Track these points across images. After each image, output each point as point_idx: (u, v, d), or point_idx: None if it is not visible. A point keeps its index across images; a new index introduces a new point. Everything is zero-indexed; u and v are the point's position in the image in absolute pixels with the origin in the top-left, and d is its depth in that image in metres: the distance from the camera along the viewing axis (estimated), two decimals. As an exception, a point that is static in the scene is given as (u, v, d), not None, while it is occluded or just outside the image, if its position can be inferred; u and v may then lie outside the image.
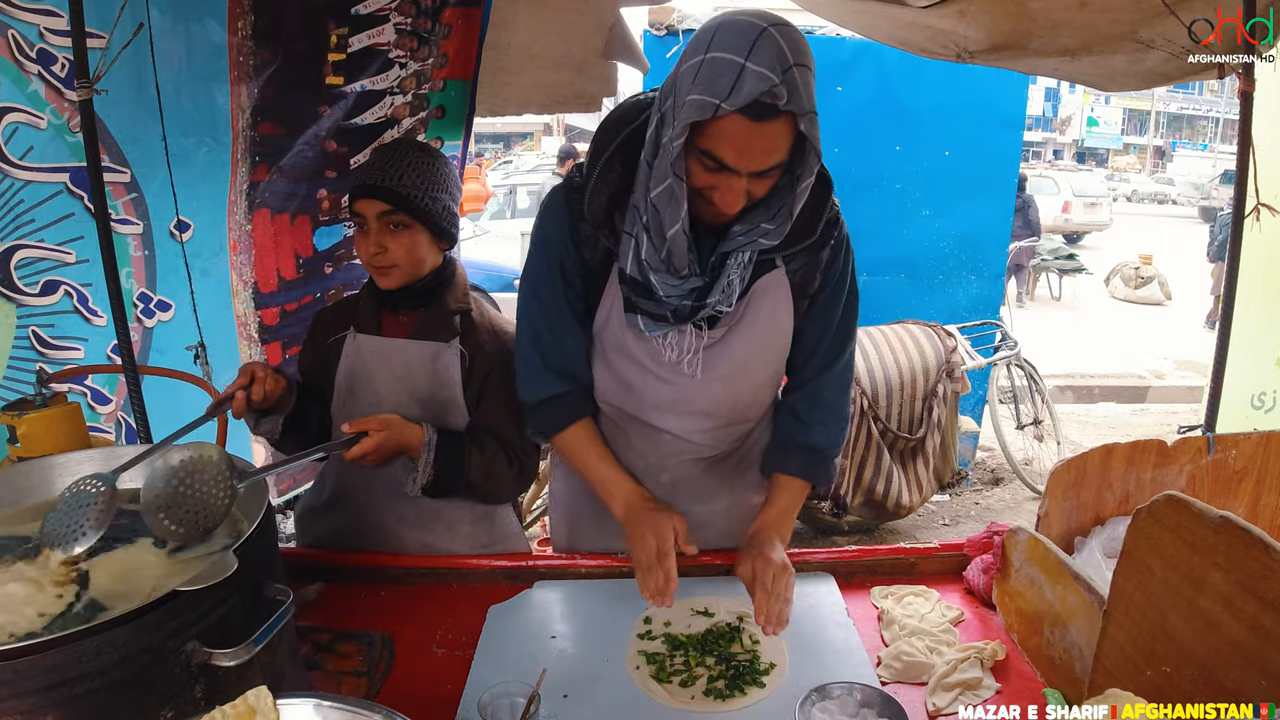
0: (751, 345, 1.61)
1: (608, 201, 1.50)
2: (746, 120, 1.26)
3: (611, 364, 1.66)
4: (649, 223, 1.43)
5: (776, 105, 1.25)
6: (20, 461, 1.51)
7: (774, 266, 1.55)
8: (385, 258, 1.72)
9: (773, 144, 1.30)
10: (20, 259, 2.30)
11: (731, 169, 1.32)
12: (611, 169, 1.49)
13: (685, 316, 1.53)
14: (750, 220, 1.44)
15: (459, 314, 1.82)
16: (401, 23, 3.07)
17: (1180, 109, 43.23)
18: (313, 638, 1.50)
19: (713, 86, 1.26)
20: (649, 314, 1.54)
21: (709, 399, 1.65)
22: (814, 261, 1.57)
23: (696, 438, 1.71)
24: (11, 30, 2.14)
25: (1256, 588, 1.00)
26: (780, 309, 1.59)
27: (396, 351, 1.80)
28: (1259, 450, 1.84)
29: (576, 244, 1.58)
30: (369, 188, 1.71)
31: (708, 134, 1.30)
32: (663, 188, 1.36)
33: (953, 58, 2.80)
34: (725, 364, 1.61)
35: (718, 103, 1.25)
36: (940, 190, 5.35)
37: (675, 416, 1.68)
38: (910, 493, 4.33)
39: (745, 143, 1.29)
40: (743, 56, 1.24)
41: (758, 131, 1.28)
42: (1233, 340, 2.08)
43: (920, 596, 1.63)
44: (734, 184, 1.34)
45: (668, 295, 1.49)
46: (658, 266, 1.46)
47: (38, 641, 0.88)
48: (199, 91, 2.60)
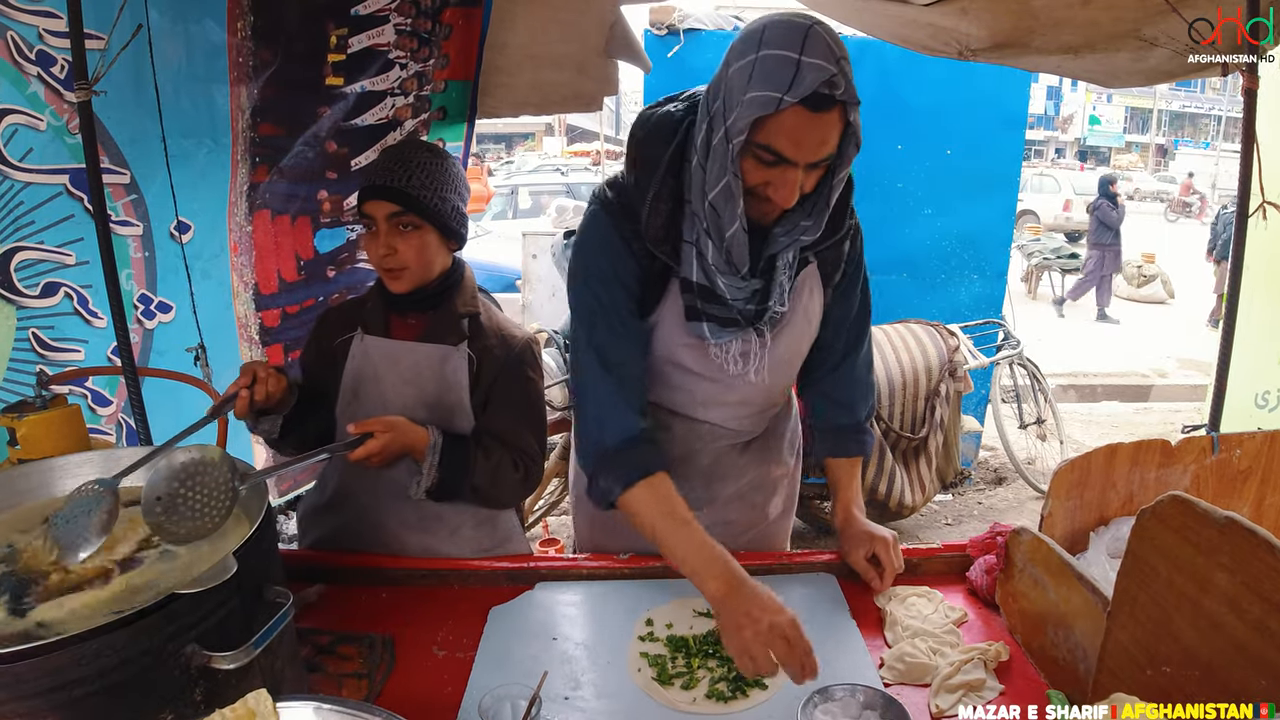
0: (796, 339, 1.68)
1: (667, 218, 1.51)
2: (806, 111, 1.29)
3: (656, 369, 1.68)
4: (709, 226, 1.45)
5: (833, 95, 1.29)
6: (20, 464, 1.51)
7: (808, 262, 1.62)
8: (395, 259, 1.72)
9: (827, 134, 1.34)
10: (20, 261, 2.29)
11: (789, 161, 1.34)
12: (666, 185, 1.50)
13: (752, 319, 1.57)
14: (789, 220, 1.48)
15: (467, 317, 1.82)
16: (401, 23, 3.07)
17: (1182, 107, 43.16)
18: (313, 639, 1.49)
19: (771, 81, 1.28)
20: (717, 319, 1.56)
21: (751, 390, 1.70)
22: (838, 253, 1.64)
23: (734, 424, 1.76)
24: (10, 32, 2.14)
25: (1262, 589, 0.99)
26: (814, 301, 1.66)
27: (405, 354, 1.79)
28: (1263, 450, 1.83)
29: (634, 260, 1.56)
30: (378, 189, 1.71)
31: (766, 129, 1.32)
32: (720, 187, 1.39)
33: (955, 55, 2.79)
34: (785, 361, 1.69)
35: (780, 96, 1.28)
36: (942, 189, 5.34)
37: (718, 408, 1.73)
38: (913, 492, 4.32)
39: (803, 134, 1.32)
40: (797, 52, 1.28)
41: (816, 122, 1.31)
42: (1236, 339, 2.07)
43: (923, 597, 1.62)
44: (790, 177, 1.36)
45: (734, 297, 1.52)
46: (723, 269, 1.49)
47: (37, 644, 0.88)
48: (198, 92, 2.60)
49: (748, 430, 1.80)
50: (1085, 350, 9.28)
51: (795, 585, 1.67)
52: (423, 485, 1.72)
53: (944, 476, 4.54)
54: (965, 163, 5.32)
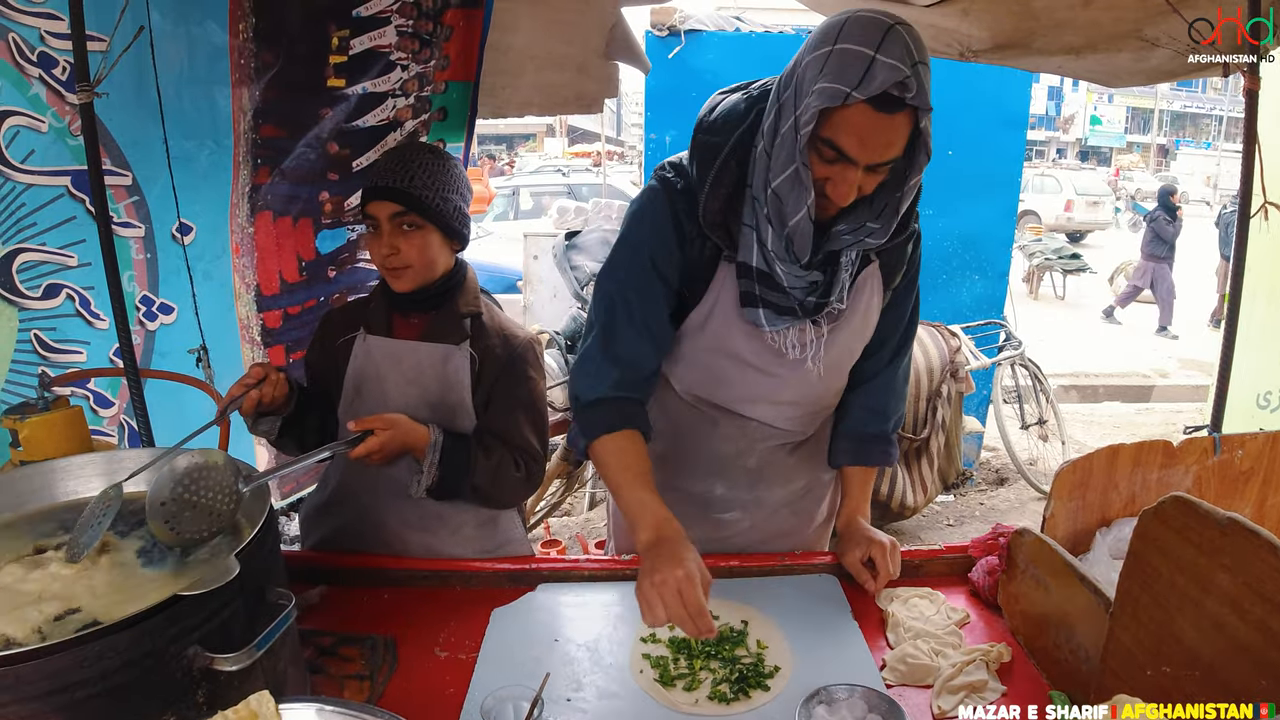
0: (852, 337, 1.66)
1: (725, 201, 1.50)
2: (873, 111, 1.28)
3: (706, 362, 1.67)
4: (770, 212, 1.44)
5: (903, 99, 1.27)
6: (22, 465, 1.51)
7: (870, 261, 1.60)
8: (398, 259, 1.73)
9: (893, 137, 1.32)
10: (22, 262, 2.30)
11: (851, 159, 1.33)
12: (727, 169, 1.49)
13: (811, 311, 1.56)
14: (855, 219, 1.46)
15: (469, 317, 1.82)
16: (403, 25, 3.07)
17: (1184, 107, 43.12)
18: (315, 641, 1.49)
19: (843, 75, 1.27)
20: (774, 306, 1.54)
21: (805, 388, 1.68)
22: (900, 255, 1.63)
23: (784, 424, 1.74)
24: (12, 33, 2.14)
25: (1264, 589, 0.99)
26: (874, 301, 1.64)
27: (407, 353, 1.80)
28: (1265, 450, 1.83)
29: (681, 244, 1.57)
30: (381, 189, 1.72)
31: (831, 123, 1.31)
32: (786, 175, 1.38)
33: (956, 56, 2.80)
34: (841, 357, 1.67)
35: (848, 90, 1.26)
36: (944, 190, 5.32)
37: (767, 406, 1.71)
38: (915, 493, 4.32)
39: (868, 134, 1.30)
40: (873, 49, 1.26)
41: (882, 123, 1.29)
42: (1238, 340, 2.07)
43: (925, 599, 1.62)
44: (849, 175, 1.35)
45: (792, 286, 1.51)
46: (782, 256, 1.48)
47: (39, 646, 0.88)
48: (200, 94, 2.60)
49: (798, 431, 1.77)
50: (1087, 351, 9.27)
51: (797, 586, 1.67)
52: (423, 484, 1.72)
53: (946, 477, 4.54)
54: (967, 163, 5.31)
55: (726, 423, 1.74)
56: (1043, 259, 12.38)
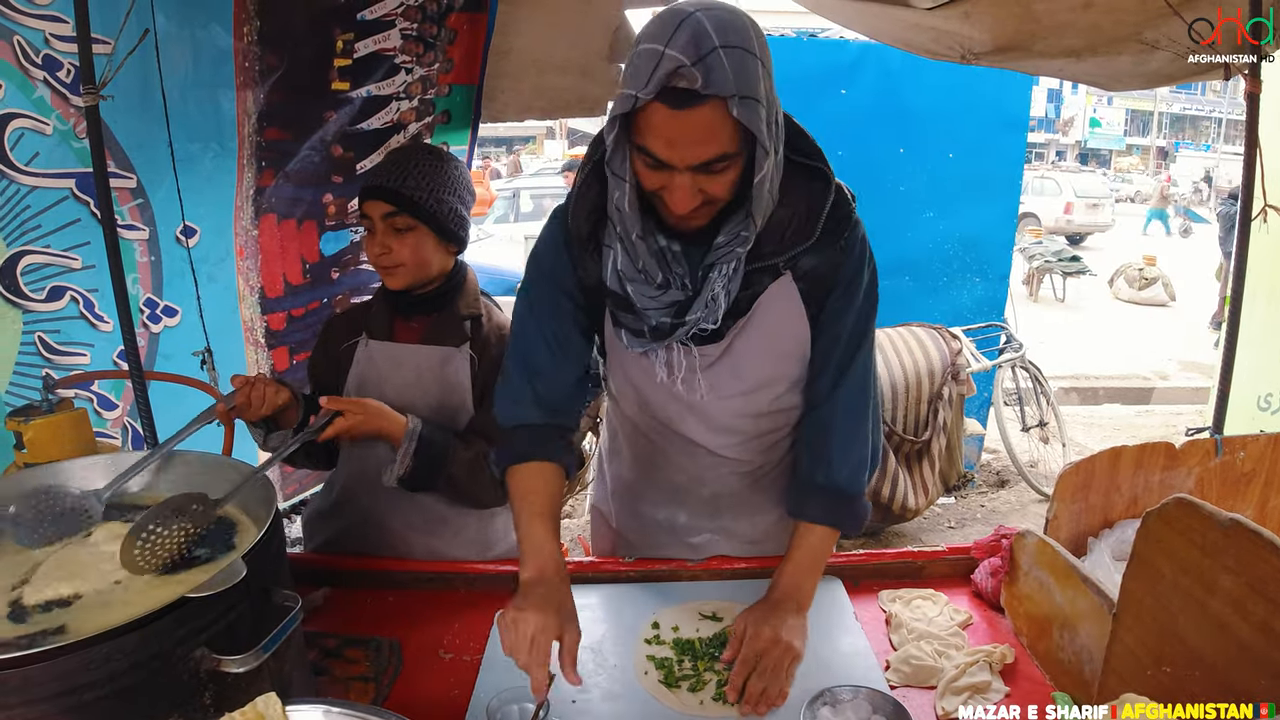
0: (763, 359, 1.51)
1: (589, 217, 1.44)
2: (666, 109, 1.18)
3: (630, 377, 1.61)
4: (620, 231, 1.37)
5: (694, 89, 1.15)
6: (27, 467, 1.51)
7: (779, 273, 1.45)
8: (390, 258, 1.75)
9: (703, 134, 1.20)
10: (26, 265, 2.30)
11: (668, 165, 1.24)
12: (589, 186, 1.42)
13: (665, 333, 1.44)
14: (731, 229, 1.36)
15: (470, 319, 1.83)
16: (407, 28, 3.08)
17: (1183, 110, 43.14)
18: (320, 643, 1.50)
19: (635, 78, 1.18)
20: (630, 329, 1.48)
21: (730, 414, 1.58)
22: (825, 263, 1.45)
23: (729, 452, 1.64)
24: (17, 36, 2.15)
25: (1266, 590, 1.00)
26: (791, 316, 1.48)
27: (408, 357, 1.81)
28: (1267, 452, 1.84)
29: (572, 262, 1.51)
30: (374, 189, 1.74)
31: (639, 129, 1.23)
32: (618, 192, 1.32)
33: (957, 59, 2.80)
34: (736, 380, 1.53)
35: (635, 94, 1.18)
36: (944, 192, 5.35)
37: (704, 431, 1.61)
38: (916, 495, 4.32)
39: (672, 133, 1.20)
40: (663, 44, 1.16)
41: (681, 120, 1.18)
42: (1239, 341, 2.07)
43: (928, 600, 1.62)
44: (678, 181, 1.25)
45: (645, 308, 1.41)
46: (634, 276, 1.40)
47: (46, 649, 0.88)
48: (205, 97, 2.61)
49: (748, 459, 1.66)
50: (1087, 353, 9.27)
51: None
52: (395, 472, 1.70)
53: (947, 479, 4.54)
54: (967, 166, 5.33)
55: (676, 451, 1.66)
56: (1043, 261, 12.39)
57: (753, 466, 1.68)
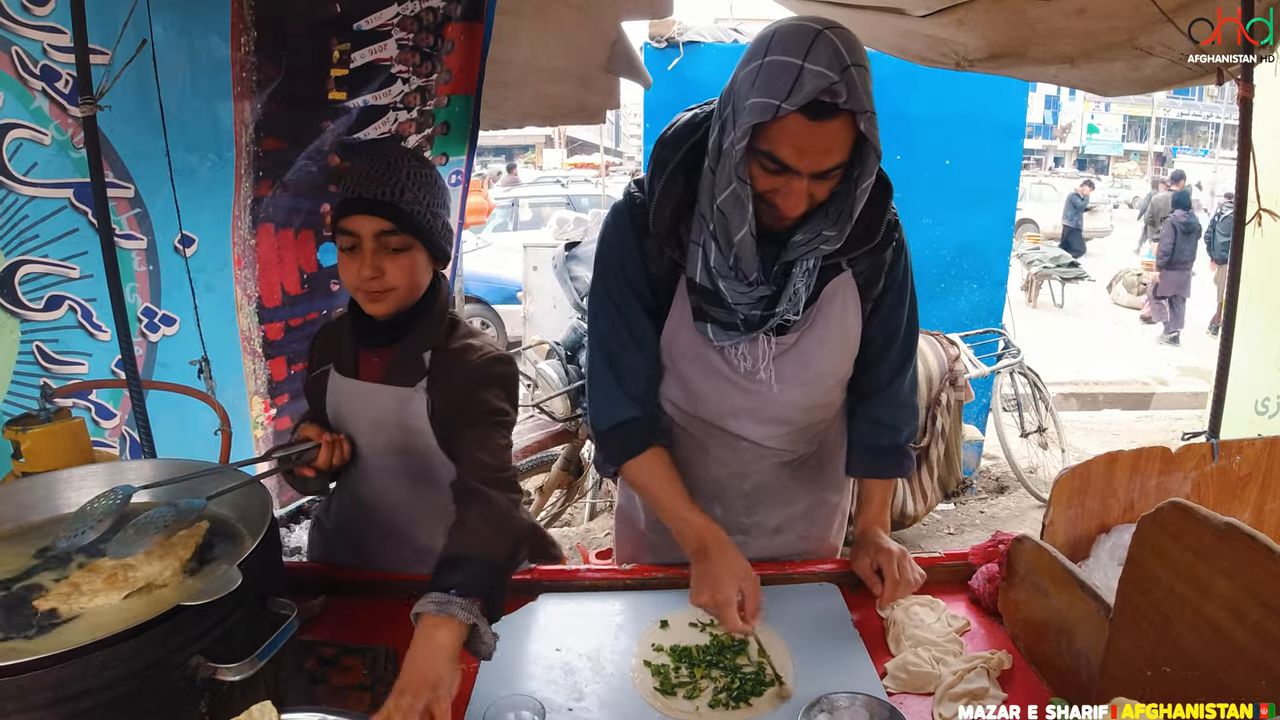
0: (824, 350, 1.63)
1: (672, 214, 1.51)
2: (806, 120, 1.28)
3: (684, 374, 1.68)
4: (715, 230, 1.45)
5: (835, 104, 1.26)
6: (24, 477, 1.51)
7: (840, 270, 1.58)
8: (381, 282, 1.54)
9: (832, 143, 1.32)
10: (24, 274, 2.30)
11: (792, 170, 1.33)
12: (675, 182, 1.49)
13: (755, 325, 1.55)
14: (811, 228, 1.45)
15: (430, 350, 1.62)
16: (404, 38, 3.09)
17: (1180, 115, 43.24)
18: (318, 651, 1.50)
19: (772, 88, 1.27)
20: (719, 322, 1.56)
21: (786, 405, 1.67)
22: (878, 264, 1.60)
23: (774, 443, 1.72)
24: (15, 47, 2.15)
25: (1262, 594, 1.00)
26: (849, 311, 1.61)
27: (370, 396, 1.65)
28: (1263, 456, 1.84)
29: (643, 258, 1.59)
30: (365, 201, 1.50)
31: (768, 136, 1.31)
32: (728, 192, 1.38)
33: (952, 66, 2.81)
34: (801, 370, 1.63)
35: (778, 103, 1.26)
36: (941, 199, 5.36)
37: (753, 424, 1.69)
38: (915, 502, 4.32)
39: (805, 143, 1.30)
40: (800, 58, 1.26)
41: (817, 131, 1.29)
42: (1236, 346, 2.08)
43: (926, 606, 1.62)
44: (795, 186, 1.35)
45: (737, 302, 1.51)
46: (726, 273, 1.48)
47: (43, 657, 0.88)
48: (202, 107, 2.61)
49: (790, 450, 1.75)
50: (1086, 358, 9.28)
51: (798, 595, 1.67)
52: (486, 653, 1.32)
53: (946, 486, 4.54)
54: (964, 172, 5.34)
55: (717, 445, 1.73)
56: (1041, 267, 12.39)
57: (793, 456, 1.76)
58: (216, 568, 1.17)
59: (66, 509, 1.34)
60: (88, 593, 1.08)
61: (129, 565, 1.12)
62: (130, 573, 1.10)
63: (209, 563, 1.19)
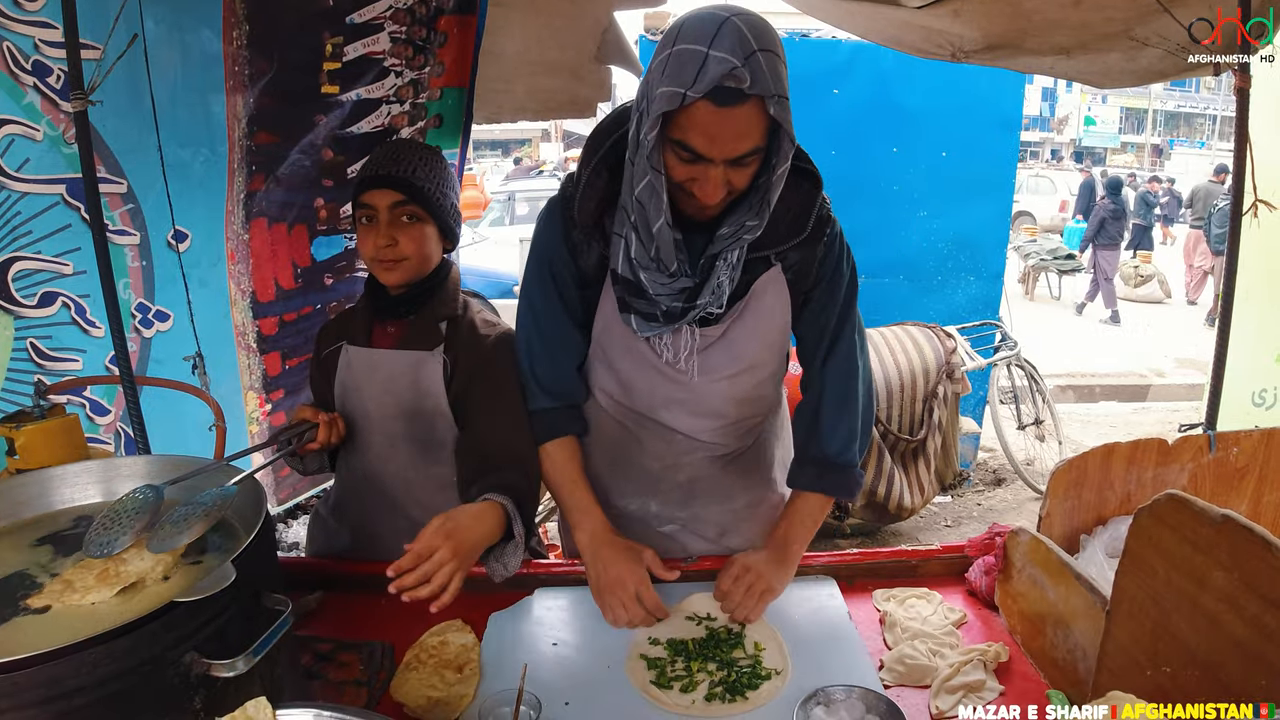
0: (753, 344, 1.62)
1: (597, 206, 1.52)
2: (713, 106, 1.27)
3: (617, 366, 1.68)
4: (636, 221, 1.44)
5: (741, 89, 1.25)
6: (19, 474, 1.51)
7: (770, 265, 1.56)
8: (394, 251, 1.69)
9: (743, 129, 1.30)
10: (18, 271, 2.30)
11: (706, 158, 1.32)
12: (599, 174, 1.51)
13: (676, 317, 1.54)
14: (735, 219, 1.45)
15: (446, 320, 1.77)
16: (397, 31, 3.08)
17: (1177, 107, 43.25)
18: (314, 647, 1.49)
19: (679, 76, 1.27)
20: (641, 314, 1.55)
21: (716, 398, 1.66)
22: (809, 258, 1.58)
23: (707, 436, 1.72)
24: (6, 42, 2.15)
25: (1259, 586, 1.00)
26: (778, 306, 1.60)
27: (383, 362, 1.77)
28: (1260, 448, 1.84)
29: (571, 252, 1.61)
30: (381, 178, 1.68)
31: (678, 124, 1.31)
32: (644, 183, 1.38)
33: (948, 57, 2.81)
34: (729, 363, 1.62)
35: (684, 91, 1.26)
36: (938, 191, 5.35)
37: (685, 416, 1.69)
38: (912, 494, 4.32)
39: (715, 129, 1.29)
40: (705, 45, 1.26)
41: (725, 117, 1.28)
42: (1233, 337, 2.07)
43: (922, 599, 1.62)
44: (711, 174, 1.34)
45: (658, 294, 1.50)
46: (647, 264, 1.48)
47: (37, 654, 0.88)
48: (194, 101, 2.60)
49: (723, 444, 1.74)
50: (1083, 351, 9.29)
51: (794, 587, 1.66)
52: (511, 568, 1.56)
53: (943, 478, 4.54)
54: (961, 165, 5.33)
55: (651, 437, 1.72)
56: (1038, 260, 12.40)
57: (726, 450, 1.75)
58: (210, 563, 1.17)
59: (61, 506, 1.33)
60: (80, 590, 1.07)
61: (120, 560, 1.11)
62: (122, 568, 1.10)
63: (203, 558, 1.19)
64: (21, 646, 0.90)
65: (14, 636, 1.00)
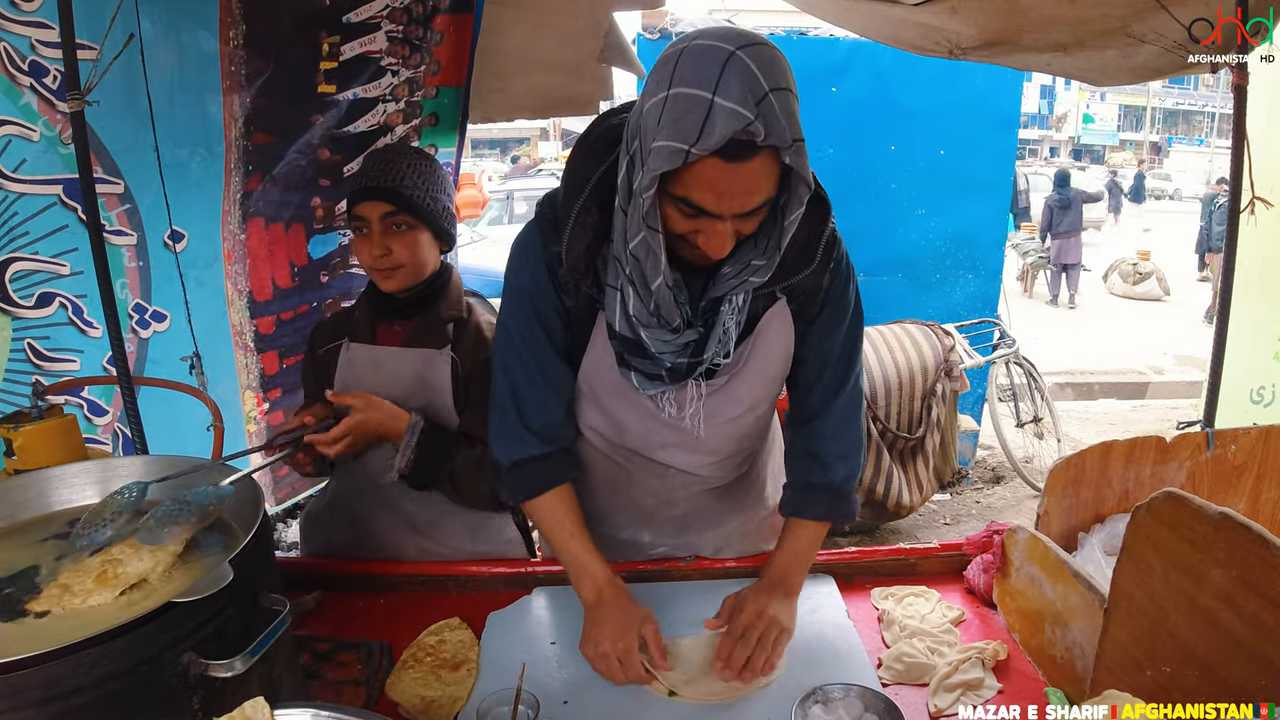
0: (756, 385, 1.51)
1: (586, 249, 1.35)
2: (721, 163, 1.11)
3: (607, 407, 1.55)
4: (632, 274, 1.29)
5: (754, 142, 1.10)
6: (16, 474, 1.50)
7: (775, 299, 1.43)
8: (389, 260, 1.71)
9: (754, 183, 1.15)
10: (15, 272, 2.30)
11: (712, 214, 1.18)
12: (588, 213, 1.33)
13: (682, 374, 1.41)
14: (739, 258, 1.30)
15: (452, 321, 1.80)
16: (393, 30, 3.07)
17: (1176, 104, 43.30)
18: (312, 647, 1.49)
19: (679, 129, 1.10)
20: (644, 373, 1.42)
21: (716, 439, 1.56)
22: (815, 287, 1.44)
23: (705, 471, 1.62)
24: (3, 43, 2.14)
25: (1257, 584, 1.00)
26: (781, 339, 1.47)
27: (389, 360, 1.79)
28: (1258, 445, 1.84)
29: (556, 289, 1.44)
30: (371, 190, 1.70)
31: (681, 180, 1.15)
32: (638, 240, 1.22)
33: (945, 54, 2.81)
34: (731, 407, 1.52)
35: (687, 148, 1.09)
36: (936, 189, 5.36)
37: (682, 454, 1.58)
38: (910, 492, 4.32)
39: (724, 186, 1.14)
40: (710, 91, 1.09)
41: (736, 172, 1.13)
42: (1231, 335, 2.08)
43: (921, 597, 1.62)
44: (718, 228, 1.20)
45: (661, 352, 1.36)
46: (648, 321, 1.33)
47: (34, 654, 0.87)
48: (191, 101, 2.60)
49: (720, 476, 1.66)
50: (1082, 348, 9.29)
51: (793, 586, 1.66)
52: (397, 466, 1.69)
53: (941, 476, 4.55)
54: (959, 162, 5.33)
55: (643, 474, 1.62)
56: (1036, 257, 12.41)
57: (723, 481, 1.68)
58: (208, 563, 1.17)
59: (59, 506, 1.33)
60: (79, 593, 1.07)
61: (118, 561, 1.11)
62: (120, 569, 1.10)
63: (200, 558, 1.18)
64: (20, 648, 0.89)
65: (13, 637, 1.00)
